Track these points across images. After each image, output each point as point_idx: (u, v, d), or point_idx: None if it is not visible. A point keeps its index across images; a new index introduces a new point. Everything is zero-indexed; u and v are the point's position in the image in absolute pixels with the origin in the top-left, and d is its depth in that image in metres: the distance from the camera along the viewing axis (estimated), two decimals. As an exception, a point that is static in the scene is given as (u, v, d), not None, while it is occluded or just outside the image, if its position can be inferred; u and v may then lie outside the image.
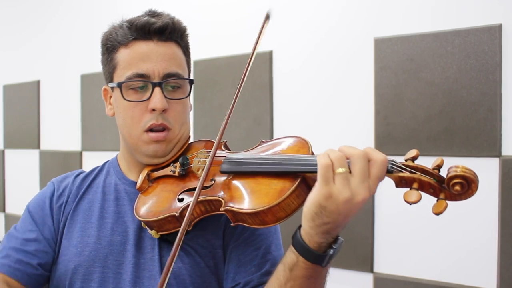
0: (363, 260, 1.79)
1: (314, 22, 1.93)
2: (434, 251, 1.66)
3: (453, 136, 1.61)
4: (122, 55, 1.03)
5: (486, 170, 1.56)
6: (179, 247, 0.84)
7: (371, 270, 1.78)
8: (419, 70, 1.67)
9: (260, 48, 2.05)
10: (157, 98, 1.00)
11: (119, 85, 1.02)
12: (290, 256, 0.83)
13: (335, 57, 1.87)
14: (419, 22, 1.68)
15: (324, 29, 1.90)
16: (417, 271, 1.70)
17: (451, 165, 0.76)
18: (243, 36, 2.10)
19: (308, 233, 0.80)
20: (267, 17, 0.97)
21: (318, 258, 0.80)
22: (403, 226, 1.72)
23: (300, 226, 0.82)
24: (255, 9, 2.08)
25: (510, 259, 1.53)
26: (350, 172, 0.76)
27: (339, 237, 0.82)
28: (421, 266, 1.69)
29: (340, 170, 0.75)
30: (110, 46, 1.05)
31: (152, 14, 1.06)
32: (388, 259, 1.76)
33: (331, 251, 0.80)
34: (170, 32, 1.04)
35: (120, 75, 1.03)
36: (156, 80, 1.01)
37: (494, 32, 1.54)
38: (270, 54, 2.02)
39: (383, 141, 1.73)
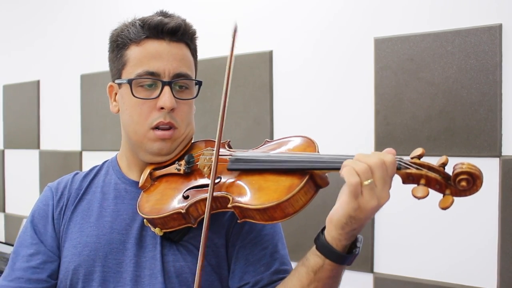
0: (363, 260, 1.78)
1: (314, 21, 1.93)
2: (434, 251, 1.66)
3: (453, 136, 1.61)
4: (133, 52, 1.04)
5: (486, 170, 1.54)
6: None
7: (371, 270, 1.78)
8: (419, 70, 1.67)
9: (260, 48, 2.07)
10: (167, 96, 1.01)
11: (129, 82, 1.02)
12: (315, 259, 0.85)
13: (335, 57, 1.87)
14: (419, 22, 1.68)
15: (324, 28, 1.90)
16: (417, 271, 1.70)
17: (453, 164, 0.78)
18: (243, 36, 2.10)
19: (337, 239, 0.83)
20: (235, 30, 0.97)
21: (346, 259, 0.84)
22: (403, 226, 1.72)
23: (322, 231, 0.85)
24: (255, 8, 2.08)
25: (510, 259, 1.53)
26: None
27: (358, 235, 0.86)
28: (421, 266, 1.69)
29: (367, 182, 0.78)
30: (121, 43, 1.05)
31: (164, 14, 1.07)
32: (388, 259, 1.76)
33: (357, 251, 0.85)
34: (182, 33, 1.05)
35: (130, 72, 1.03)
36: (166, 79, 1.02)
37: (494, 32, 1.54)
38: (270, 54, 2.02)
39: (383, 141, 1.73)
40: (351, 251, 0.85)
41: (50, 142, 2.92)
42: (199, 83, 1.10)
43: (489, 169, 1.55)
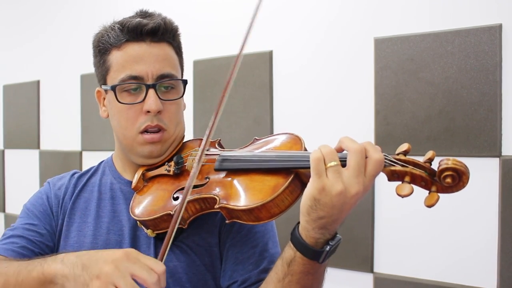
0: (363, 260, 1.78)
1: (314, 22, 1.93)
2: (434, 251, 1.66)
3: (453, 136, 1.61)
4: (115, 57, 1.03)
5: (486, 170, 1.55)
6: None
7: (371, 270, 1.78)
8: (419, 70, 1.67)
9: (260, 48, 2.07)
10: (152, 100, 1.00)
11: (113, 88, 1.02)
12: (288, 251, 0.84)
13: (335, 57, 1.87)
14: (419, 22, 1.68)
15: (324, 29, 1.90)
16: (417, 271, 1.70)
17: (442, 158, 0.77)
18: (243, 36, 2.10)
19: (305, 228, 0.80)
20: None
21: (315, 254, 0.80)
22: (403, 226, 1.72)
23: (299, 222, 0.83)
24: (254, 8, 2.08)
25: (510, 259, 1.53)
26: (343, 165, 0.77)
27: (338, 235, 0.82)
28: (421, 266, 1.69)
29: (332, 163, 0.76)
30: (102, 48, 1.05)
31: (144, 14, 1.06)
32: (388, 259, 1.76)
33: (328, 248, 0.80)
34: (162, 33, 1.04)
35: (114, 78, 1.03)
36: (149, 82, 1.01)
37: (494, 32, 1.54)
38: (270, 54, 2.02)
39: (383, 141, 1.73)
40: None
41: (50, 142, 2.91)
42: (184, 82, 1.08)
43: (489, 169, 1.55)
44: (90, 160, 2.66)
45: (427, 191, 0.77)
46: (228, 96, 0.92)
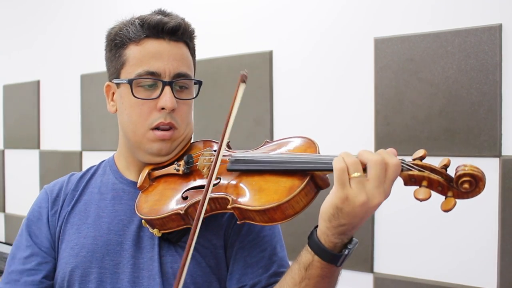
0: (363, 260, 1.78)
1: (314, 21, 1.93)
2: (434, 251, 1.66)
3: (453, 136, 1.61)
4: (133, 52, 1.02)
5: (486, 170, 1.53)
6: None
7: (371, 270, 1.78)
8: (419, 70, 1.67)
9: (260, 48, 2.07)
10: (168, 97, 1.00)
11: (130, 82, 1.01)
12: (306, 255, 0.84)
13: (335, 57, 1.87)
14: (419, 22, 1.68)
15: (324, 29, 1.90)
16: (417, 271, 1.70)
17: (455, 166, 0.78)
18: (243, 36, 2.10)
19: (324, 233, 0.82)
20: (243, 80, 0.98)
21: (333, 258, 0.82)
22: (403, 226, 1.72)
23: (316, 226, 0.84)
24: (255, 8, 2.08)
25: (510, 259, 1.53)
26: (365, 176, 0.78)
27: (354, 238, 0.84)
28: (421, 266, 1.69)
29: (356, 174, 0.77)
30: (119, 42, 1.04)
31: (163, 13, 1.07)
32: (388, 259, 1.76)
33: (346, 251, 0.82)
34: (182, 32, 1.04)
35: (130, 72, 1.02)
36: (166, 79, 1.01)
37: (494, 32, 1.54)
38: (270, 54, 2.02)
39: (383, 141, 1.73)
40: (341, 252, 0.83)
41: (50, 142, 2.92)
42: (199, 83, 1.09)
43: (489, 169, 1.55)
44: (90, 160, 2.66)
45: (443, 196, 0.78)
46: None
